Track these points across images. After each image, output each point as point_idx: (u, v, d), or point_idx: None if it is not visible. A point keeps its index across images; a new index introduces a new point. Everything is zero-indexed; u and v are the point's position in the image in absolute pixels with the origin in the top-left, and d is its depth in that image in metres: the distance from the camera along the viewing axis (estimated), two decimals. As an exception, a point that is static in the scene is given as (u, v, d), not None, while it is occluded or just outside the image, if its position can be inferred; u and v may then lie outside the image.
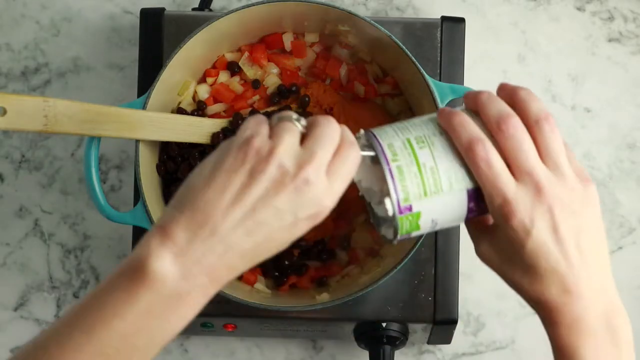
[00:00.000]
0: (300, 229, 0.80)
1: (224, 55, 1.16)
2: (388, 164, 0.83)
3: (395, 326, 1.14)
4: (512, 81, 1.29)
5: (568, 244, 0.82)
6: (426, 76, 1.08)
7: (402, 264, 1.07)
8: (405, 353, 1.25)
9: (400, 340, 1.15)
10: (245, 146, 0.78)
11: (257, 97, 1.15)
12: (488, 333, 1.26)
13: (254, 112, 1.13)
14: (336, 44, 1.16)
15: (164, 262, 0.76)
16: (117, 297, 0.76)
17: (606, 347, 0.83)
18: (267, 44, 1.16)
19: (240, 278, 1.13)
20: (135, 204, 1.12)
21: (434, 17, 1.19)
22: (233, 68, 1.16)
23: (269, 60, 1.16)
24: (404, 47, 1.09)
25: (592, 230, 0.83)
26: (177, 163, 1.13)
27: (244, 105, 1.15)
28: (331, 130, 0.80)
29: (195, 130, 1.12)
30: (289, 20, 1.14)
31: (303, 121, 0.81)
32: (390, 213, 0.83)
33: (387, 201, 0.83)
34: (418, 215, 0.84)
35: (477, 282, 1.26)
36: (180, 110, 1.14)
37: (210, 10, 1.24)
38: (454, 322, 1.14)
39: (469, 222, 0.88)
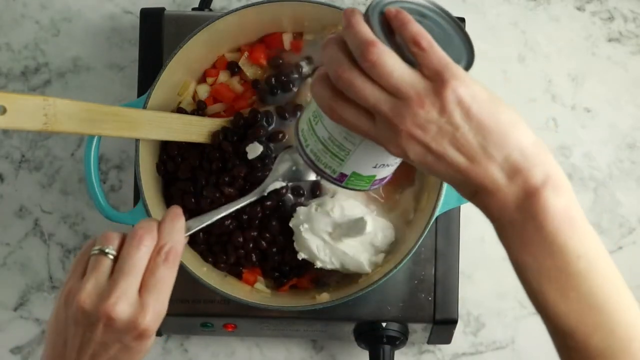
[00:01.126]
0: (140, 347, 0.85)
1: (223, 55, 1.16)
2: (304, 152, 0.86)
3: (395, 326, 1.14)
4: (512, 81, 1.30)
5: (447, 154, 0.78)
6: (426, 76, 1.08)
7: (402, 264, 1.07)
8: (405, 353, 1.25)
9: (400, 340, 1.15)
10: (59, 306, 0.85)
11: (256, 97, 1.15)
12: (488, 333, 1.26)
13: (254, 111, 1.13)
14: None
15: None
16: None
17: (530, 236, 0.79)
18: (266, 43, 1.16)
19: (240, 278, 1.13)
20: (135, 204, 1.12)
21: (434, 17, 1.18)
22: (233, 68, 1.16)
23: (268, 61, 1.16)
24: (404, 47, 1.08)
25: (469, 127, 0.78)
26: (177, 163, 1.13)
27: (243, 105, 1.15)
28: (134, 250, 0.84)
29: (195, 129, 1.12)
30: (288, 20, 1.14)
31: (112, 249, 0.85)
32: (334, 187, 0.86)
33: (322, 182, 0.87)
34: (356, 174, 0.86)
35: (477, 282, 1.26)
36: (180, 110, 1.14)
37: (210, 10, 1.24)
38: (454, 322, 1.14)
39: None
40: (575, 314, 0.78)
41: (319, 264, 1.10)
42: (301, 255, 1.10)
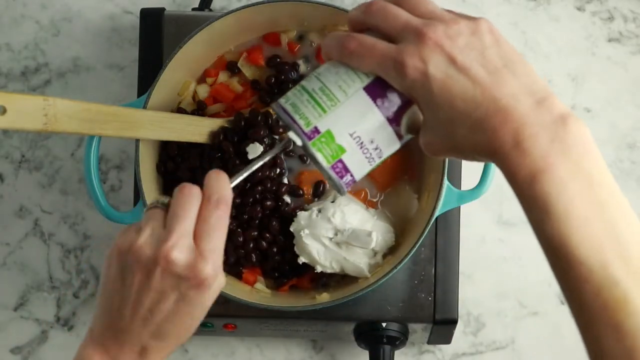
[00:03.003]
0: (195, 299, 0.84)
1: (223, 55, 1.16)
2: (282, 107, 0.83)
3: (395, 326, 1.14)
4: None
5: (471, 66, 0.77)
6: (426, 76, 1.08)
7: (402, 264, 1.07)
8: (405, 353, 1.25)
9: (400, 340, 1.15)
10: (113, 252, 0.86)
11: (256, 97, 1.15)
12: (488, 333, 1.26)
13: (254, 112, 1.13)
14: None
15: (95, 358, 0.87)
16: None
17: (557, 158, 0.76)
18: (265, 43, 1.16)
19: (240, 278, 1.13)
20: (135, 204, 1.12)
21: (434, 17, 1.18)
22: (233, 68, 1.16)
23: (265, 61, 1.16)
24: (404, 47, 1.08)
25: (498, 50, 0.78)
26: (177, 163, 1.13)
27: (243, 105, 1.15)
28: (184, 197, 0.85)
29: (195, 129, 1.12)
30: (288, 20, 1.15)
31: (166, 200, 0.86)
32: (299, 143, 0.82)
33: (290, 134, 0.82)
34: (329, 134, 0.82)
35: (477, 282, 1.26)
36: (180, 110, 1.14)
37: (210, 10, 1.24)
38: (454, 322, 1.14)
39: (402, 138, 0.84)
40: (595, 241, 0.76)
41: (319, 269, 1.10)
42: (301, 260, 1.10)
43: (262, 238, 1.12)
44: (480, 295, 1.26)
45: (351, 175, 0.84)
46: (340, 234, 1.09)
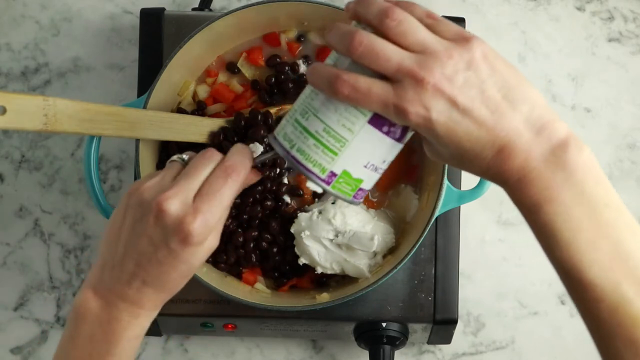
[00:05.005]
0: (182, 254, 0.86)
1: (223, 55, 1.16)
2: (289, 152, 0.83)
3: (395, 326, 1.14)
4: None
5: (473, 107, 0.77)
6: (426, 76, 1.08)
7: (402, 264, 1.07)
8: (405, 353, 1.25)
9: (400, 340, 1.15)
10: (127, 193, 0.89)
11: (256, 97, 1.16)
12: (488, 333, 1.26)
13: (254, 111, 1.13)
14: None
15: (87, 297, 0.88)
16: (68, 334, 0.89)
17: (560, 185, 0.78)
18: (265, 42, 1.16)
19: (240, 278, 1.13)
20: (135, 203, 1.12)
21: (434, 17, 1.18)
22: (232, 68, 1.16)
23: (265, 61, 1.16)
24: (404, 47, 1.08)
25: (495, 80, 0.78)
26: (177, 163, 1.13)
27: (243, 105, 1.15)
28: (202, 159, 0.88)
29: (195, 129, 1.12)
30: (288, 20, 1.15)
31: (187, 158, 0.90)
32: (320, 191, 0.83)
33: (309, 184, 0.84)
34: (346, 173, 0.83)
35: (477, 282, 1.26)
36: (180, 110, 1.14)
37: (210, 10, 1.24)
38: (454, 322, 1.14)
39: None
40: (604, 263, 0.78)
41: (319, 270, 1.10)
42: (302, 261, 1.10)
43: (262, 238, 1.12)
44: (480, 295, 1.26)
45: (366, 191, 0.86)
46: (341, 235, 1.09)
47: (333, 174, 0.83)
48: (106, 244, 0.89)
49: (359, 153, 0.83)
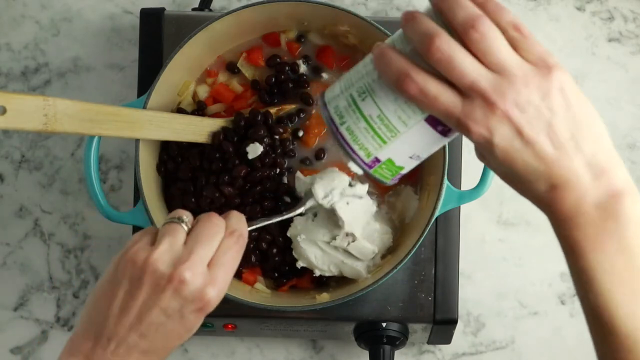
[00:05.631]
0: (193, 322, 0.86)
1: (223, 56, 1.16)
2: (337, 128, 0.81)
3: (395, 326, 1.14)
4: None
5: (537, 140, 0.76)
6: (426, 76, 1.08)
7: (402, 264, 1.07)
8: (405, 353, 1.25)
9: (400, 340, 1.15)
10: (125, 259, 0.85)
11: (256, 97, 1.16)
12: (488, 333, 1.26)
13: (254, 111, 1.13)
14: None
15: None
16: None
17: (607, 235, 0.77)
18: (265, 42, 1.16)
19: (240, 278, 1.13)
20: (135, 204, 1.12)
21: (434, 17, 1.18)
22: (232, 68, 1.16)
23: (265, 61, 1.16)
24: (404, 47, 1.08)
25: (566, 116, 0.77)
26: (177, 163, 1.13)
27: (243, 105, 1.15)
28: (211, 225, 0.87)
29: (195, 129, 1.12)
30: (288, 20, 1.15)
31: (188, 221, 0.88)
32: (360, 173, 0.82)
33: (351, 165, 0.82)
34: (390, 161, 0.82)
35: (477, 282, 1.26)
36: (180, 110, 1.14)
37: (210, 10, 1.24)
38: (454, 322, 1.14)
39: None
40: None
41: (317, 272, 1.10)
42: (300, 264, 1.10)
43: (262, 238, 1.12)
44: (480, 295, 1.26)
45: (403, 175, 0.84)
46: (340, 239, 1.09)
47: (377, 160, 0.81)
48: (99, 314, 0.86)
49: (408, 145, 0.81)
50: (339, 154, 1.09)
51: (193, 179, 1.12)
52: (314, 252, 1.09)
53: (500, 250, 1.27)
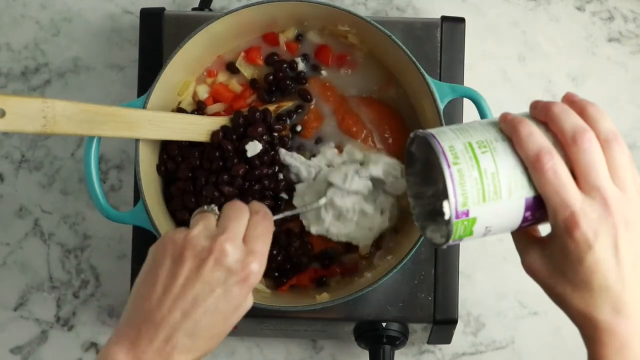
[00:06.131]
0: (236, 296, 0.87)
1: (222, 55, 1.16)
2: (449, 166, 0.82)
3: (395, 326, 1.14)
4: (512, 81, 1.30)
5: (626, 263, 0.81)
6: (426, 76, 1.08)
7: (402, 264, 1.07)
8: (405, 353, 1.25)
9: (400, 340, 1.15)
10: (164, 242, 0.88)
11: (255, 96, 1.16)
12: (488, 333, 1.26)
13: (252, 110, 1.13)
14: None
15: (118, 357, 0.86)
16: None
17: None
18: (264, 42, 1.16)
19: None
20: (135, 203, 1.12)
21: (434, 17, 1.19)
22: (232, 68, 1.16)
23: (264, 59, 1.16)
24: (404, 47, 1.08)
25: None
26: (177, 163, 1.13)
27: (243, 105, 1.15)
28: (238, 207, 0.91)
29: (195, 128, 1.12)
30: (288, 20, 1.15)
31: (216, 208, 0.91)
32: (447, 217, 0.82)
33: (445, 204, 0.81)
34: (474, 221, 0.82)
35: (477, 282, 1.26)
36: (180, 110, 1.14)
37: (210, 10, 1.24)
38: (454, 322, 1.14)
39: (516, 231, 0.87)
40: None
41: (332, 234, 1.10)
42: (313, 229, 1.10)
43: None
44: (480, 295, 1.26)
45: (456, 243, 0.86)
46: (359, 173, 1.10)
47: (466, 214, 0.82)
48: (145, 298, 0.87)
49: (496, 214, 0.83)
50: (334, 140, 1.11)
51: (193, 179, 1.12)
52: (330, 213, 1.10)
53: (500, 250, 1.27)
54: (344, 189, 1.08)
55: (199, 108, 1.15)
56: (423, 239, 1.07)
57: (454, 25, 1.17)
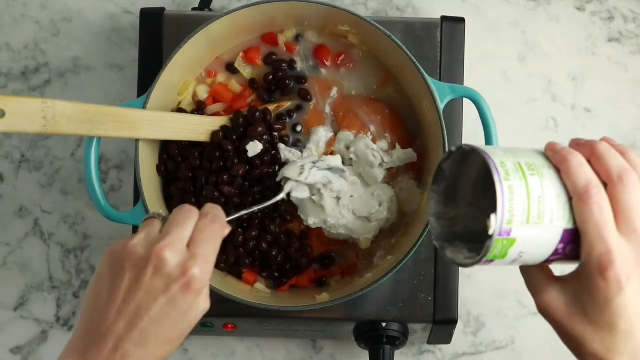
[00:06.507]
0: (182, 302, 0.85)
1: (222, 56, 1.16)
2: (501, 181, 0.81)
3: (395, 326, 1.14)
4: (512, 81, 1.30)
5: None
6: (426, 76, 1.08)
7: (402, 264, 1.07)
8: (405, 353, 1.25)
9: (400, 340, 1.15)
10: (107, 253, 0.87)
11: (255, 95, 1.16)
12: (488, 333, 1.26)
13: (252, 109, 1.13)
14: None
15: None
16: None
17: None
18: (263, 42, 1.16)
19: (240, 278, 1.13)
20: (135, 204, 1.12)
21: (434, 17, 1.19)
22: (232, 68, 1.16)
23: (263, 59, 1.16)
24: (404, 47, 1.09)
25: None
26: (177, 163, 1.13)
27: (242, 105, 1.15)
28: (184, 211, 0.89)
29: (195, 128, 1.12)
30: (288, 20, 1.15)
31: (164, 213, 0.90)
32: (491, 232, 0.81)
33: (492, 218, 0.80)
34: (512, 242, 0.82)
35: (477, 282, 1.26)
36: (180, 110, 1.14)
37: (210, 10, 1.24)
38: (454, 322, 1.14)
39: (536, 267, 0.86)
40: None
41: (329, 225, 1.10)
42: (310, 221, 1.10)
43: (262, 238, 1.12)
44: (480, 295, 1.26)
45: (487, 265, 0.85)
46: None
47: (508, 233, 0.81)
48: (90, 310, 0.87)
49: (533, 240, 0.82)
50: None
51: (193, 179, 1.12)
52: (330, 203, 1.10)
53: (500, 250, 1.27)
54: (301, 182, 1.09)
55: (199, 108, 1.15)
56: (423, 239, 1.08)
57: (454, 25, 1.17)
